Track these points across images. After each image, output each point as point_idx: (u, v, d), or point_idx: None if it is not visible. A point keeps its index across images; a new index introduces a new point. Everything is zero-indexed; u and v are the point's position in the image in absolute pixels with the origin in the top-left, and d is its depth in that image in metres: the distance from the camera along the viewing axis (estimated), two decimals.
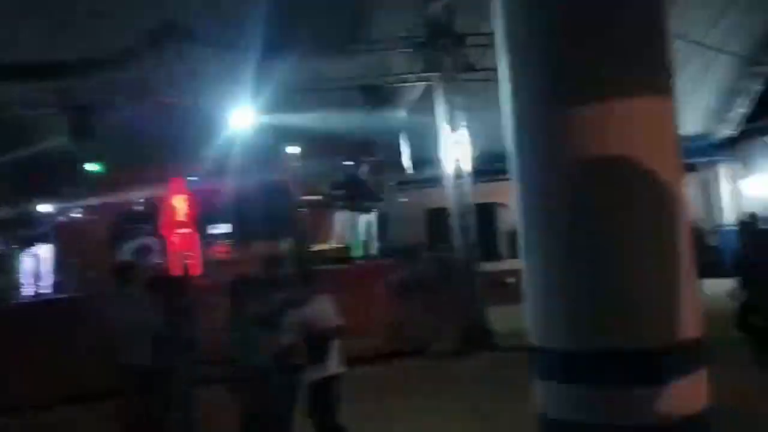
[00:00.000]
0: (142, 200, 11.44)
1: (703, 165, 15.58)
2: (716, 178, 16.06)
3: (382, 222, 13.30)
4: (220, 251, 11.42)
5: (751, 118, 15.53)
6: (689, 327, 2.29)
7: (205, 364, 5.73)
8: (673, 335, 2.24)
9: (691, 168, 14.75)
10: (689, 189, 2.57)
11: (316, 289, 5.46)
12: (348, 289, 9.66)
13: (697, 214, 14.19)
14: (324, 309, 5.26)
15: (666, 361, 2.22)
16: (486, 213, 15.87)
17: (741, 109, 15.34)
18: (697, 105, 14.59)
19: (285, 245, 11.87)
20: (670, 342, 2.24)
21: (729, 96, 15.23)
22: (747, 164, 15.86)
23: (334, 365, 5.18)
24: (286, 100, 11.01)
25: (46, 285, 9.96)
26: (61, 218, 11.76)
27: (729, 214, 15.36)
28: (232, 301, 5.36)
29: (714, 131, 15.66)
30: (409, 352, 9.56)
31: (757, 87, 14.92)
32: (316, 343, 5.10)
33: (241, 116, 10.16)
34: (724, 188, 16.01)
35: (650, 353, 2.21)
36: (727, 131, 15.74)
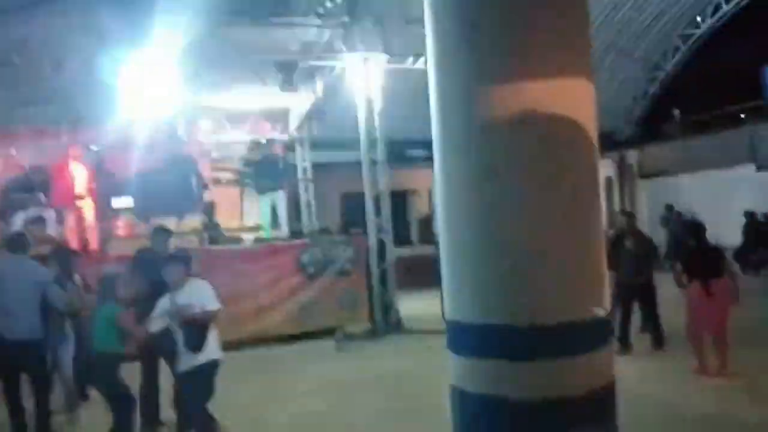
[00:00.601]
0: (35, 167, 10.63)
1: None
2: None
3: (294, 204, 13.11)
4: (120, 226, 10.83)
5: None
6: (597, 304, 2.33)
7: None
8: (581, 311, 2.28)
9: None
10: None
11: (192, 272, 5.21)
12: (256, 269, 9.57)
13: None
14: (200, 293, 4.97)
15: (574, 335, 2.26)
16: (399, 199, 16.06)
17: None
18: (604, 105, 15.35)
19: (191, 222, 11.45)
20: (579, 317, 2.28)
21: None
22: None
23: (209, 353, 4.90)
24: (198, 72, 10.59)
25: None
26: None
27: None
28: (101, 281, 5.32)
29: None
30: (318, 333, 9.50)
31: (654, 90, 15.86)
32: (190, 329, 4.86)
33: (148, 85, 9.60)
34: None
35: (558, 328, 2.24)
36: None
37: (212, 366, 4.93)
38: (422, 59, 10.22)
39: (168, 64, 9.44)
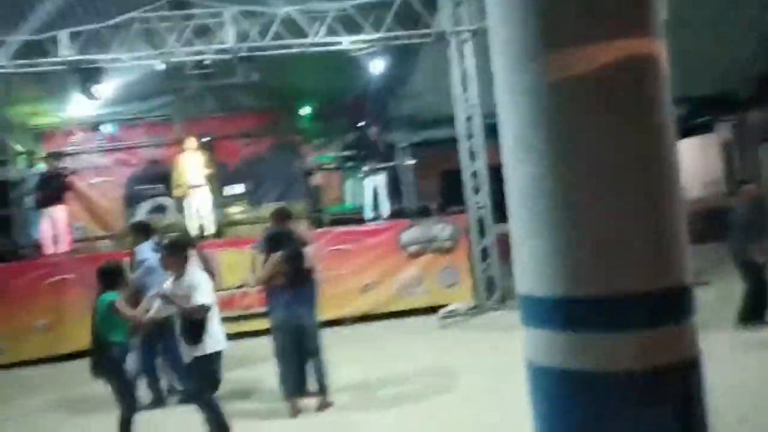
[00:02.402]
0: (154, 160, 11.50)
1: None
2: None
3: (394, 184, 13.28)
4: (233, 213, 11.47)
5: None
6: (678, 273, 2.26)
7: None
8: (662, 281, 2.22)
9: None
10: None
11: (190, 261, 5.15)
12: (359, 249, 9.85)
13: None
14: (195, 285, 4.91)
15: (655, 306, 2.20)
16: (500, 173, 15.72)
17: None
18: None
19: (297, 206, 11.93)
20: (659, 287, 2.21)
21: None
22: None
23: (210, 345, 4.88)
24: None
25: (64, 246, 10.12)
26: (75, 179, 11.88)
27: None
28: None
29: None
30: (421, 310, 9.67)
31: None
32: (186, 320, 4.88)
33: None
34: None
35: (639, 298, 2.19)
36: None
37: (213, 358, 4.92)
38: None
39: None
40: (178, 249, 5.11)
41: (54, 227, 10.01)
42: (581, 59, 2.19)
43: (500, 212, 10.90)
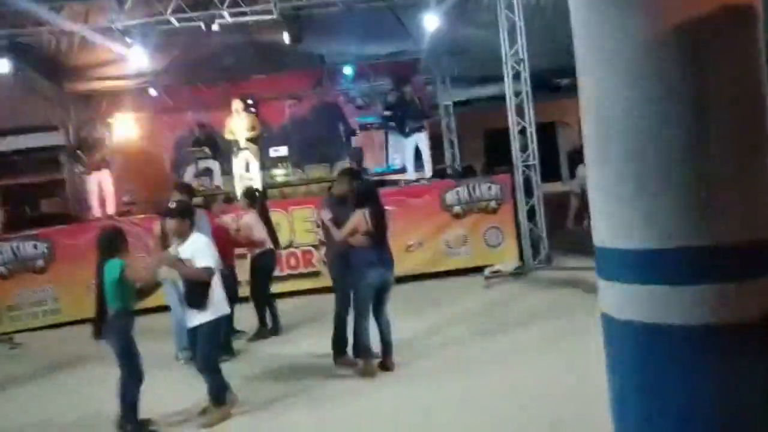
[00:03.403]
0: (201, 123, 11.59)
1: None
2: None
3: (437, 143, 13.12)
4: (278, 174, 11.52)
5: None
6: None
7: None
8: (754, 232, 2.15)
9: None
10: None
11: (193, 226, 5.07)
12: (403, 210, 9.81)
13: None
14: (198, 249, 4.86)
15: (747, 258, 2.14)
16: (547, 132, 15.44)
17: None
18: None
19: (340, 167, 11.92)
20: (752, 239, 2.15)
21: None
22: None
23: (212, 311, 4.86)
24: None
25: (111, 209, 10.39)
26: (122, 143, 12.12)
27: None
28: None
29: None
30: (465, 270, 9.64)
31: None
32: (189, 285, 4.83)
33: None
34: None
35: (731, 250, 2.13)
36: None
37: (216, 324, 4.92)
38: None
39: None
40: (182, 213, 5.04)
41: (101, 191, 10.26)
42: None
43: (547, 171, 10.81)
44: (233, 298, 7.51)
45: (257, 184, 10.50)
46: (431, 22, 9.95)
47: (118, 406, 4.85)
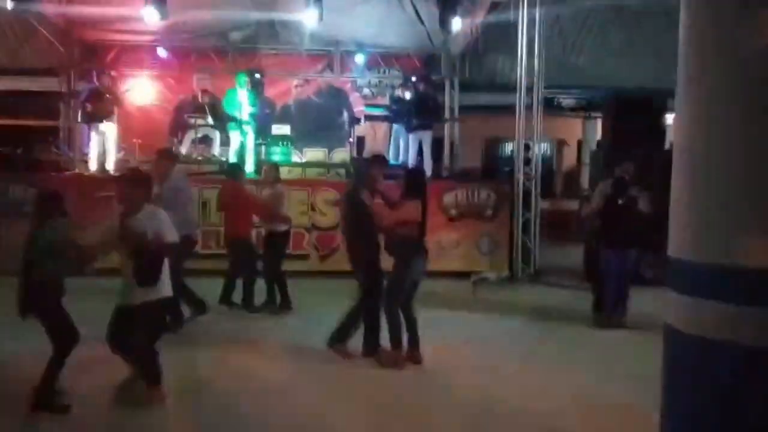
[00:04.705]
0: (204, 90, 11.42)
1: None
2: None
3: (437, 144, 13.11)
4: (275, 152, 11.41)
5: None
6: None
7: None
8: None
9: None
10: None
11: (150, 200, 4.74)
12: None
13: None
14: (157, 221, 4.48)
15: None
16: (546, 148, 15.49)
17: None
18: None
19: (339, 154, 11.87)
20: None
21: None
22: None
23: (161, 289, 4.52)
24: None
25: (111, 163, 10.23)
26: (129, 98, 11.90)
27: None
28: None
29: None
30: (453, 274, 9.65)
31: None
32: (141, 261, 4.41)
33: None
34: None
35: None
36: None
37: (163, 303, 4.63)
38: None
39: None
40: (136, 183, 4.63)
41: (103, 143, 10.08)
42: None
43: (543, 187, 10.91)
44: (253, 271, 7.58)
45: (250, 160, 10.41)
46: (456, 24, 9.93)
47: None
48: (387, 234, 5.63)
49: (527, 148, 9.98)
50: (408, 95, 11.26)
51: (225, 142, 11.00)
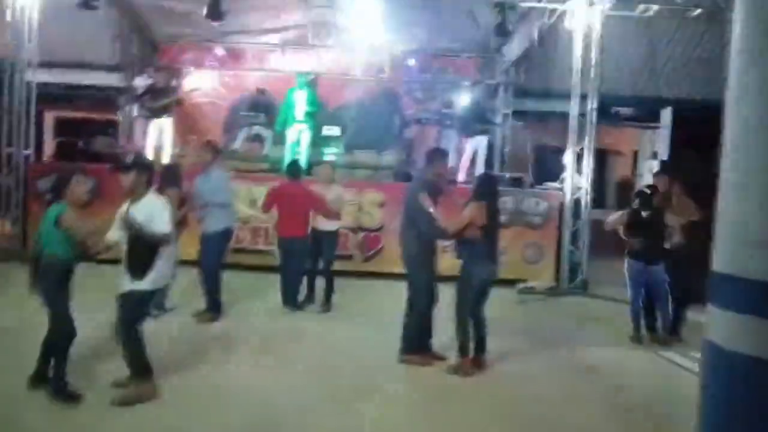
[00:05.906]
0: (261, 89, 11.59)
1: None
2: None
3: (489, 150, 12.94)
4: (326, 153, 11.48)
5: None
6: None
7: None
8: None
9: None
10: None
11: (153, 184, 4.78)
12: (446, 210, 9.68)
13: None
14: (154, 211, 4.48)
15: None
16: (598, 159, 15.02)
17: None
18: None
19: (388, 157, 11.85)
20: None
21: None
22: None
23: (151, 281, 4.53)
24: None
25: (166, 157, 10.46)
26: (186, 95, 12.17)
27: None
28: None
29: None
30: (502, 280, 9.48)
31: None
32: (134, 250, 4.47)
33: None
34: None
35: None
36: None
37: (150, 295, 4.65)
38: (655, 6, 9.40)
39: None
40: (138, 170, 4.63)
41: (159, 138, 10.35)
42: None
43: (599, 197, 10.64)
44: (312, 271, 7.64)
45: (303, 161, 10.48)
46: (512, 29, 9.83)
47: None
48: (452, 237, 5.61)
49: (579, 157, 9.77)
50: (462, 100, 11.19)
51: (277, 141, 11.13)
